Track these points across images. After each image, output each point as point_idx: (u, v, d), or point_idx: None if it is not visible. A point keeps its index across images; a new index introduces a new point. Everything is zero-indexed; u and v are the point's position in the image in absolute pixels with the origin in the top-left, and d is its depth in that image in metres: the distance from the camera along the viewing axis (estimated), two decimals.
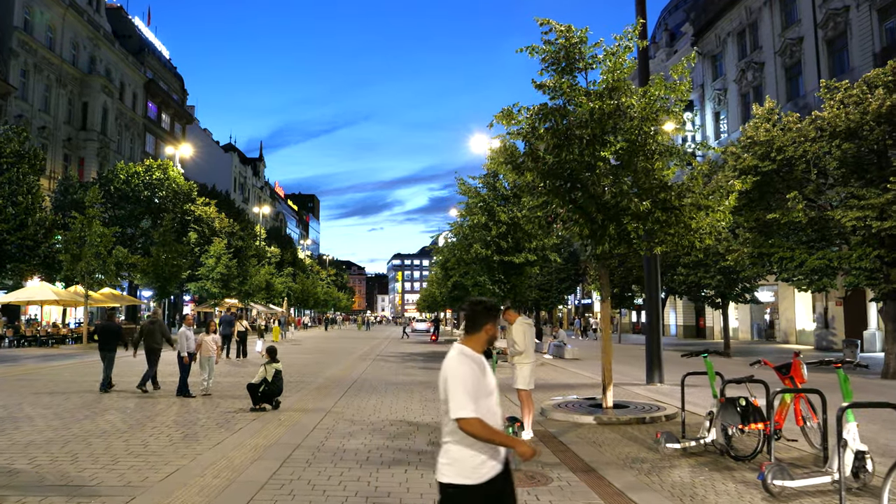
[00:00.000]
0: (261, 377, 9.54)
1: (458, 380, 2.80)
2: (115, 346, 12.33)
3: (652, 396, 11.63)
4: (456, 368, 2.81)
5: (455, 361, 2.93)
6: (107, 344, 12.18)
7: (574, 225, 8.58)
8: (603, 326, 9.76)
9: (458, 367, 2.80)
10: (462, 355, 2.97)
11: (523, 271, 19.08)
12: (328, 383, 13.62)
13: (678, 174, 9.97)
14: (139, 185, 37.71)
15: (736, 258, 20.01)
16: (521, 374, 7.77)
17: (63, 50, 42.23)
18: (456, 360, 2.94)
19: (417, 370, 17.19)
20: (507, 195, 19.13)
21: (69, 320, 38.05)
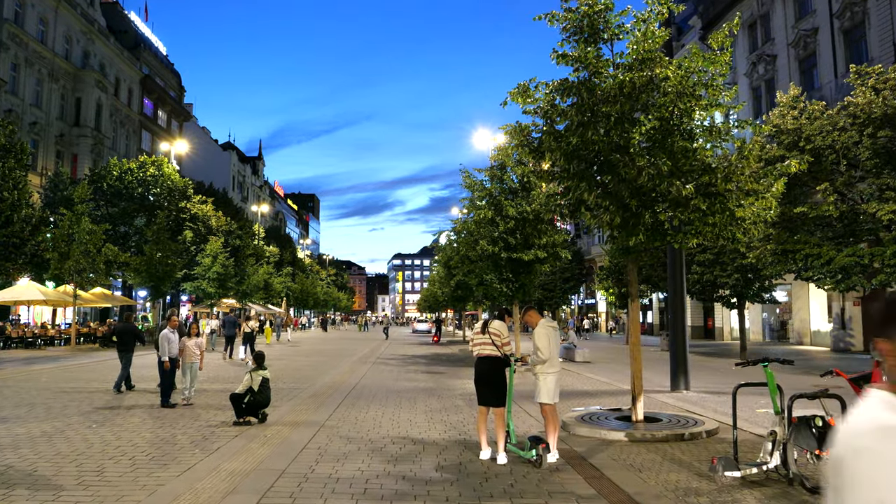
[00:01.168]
0: (245, 386, 8.44)
1: None
2: (132, 346, 12.44)
3: (682, 406, 10.51)
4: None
5: None
6: (124, 345, 12.35)
7: (604, 213, 7.47)
8: (632, 329, 8.65)
9: None
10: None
11: (532, 269, 17.96)
12: (324, 390, 12.51)
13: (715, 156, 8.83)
14: (133, 182, 36.63)
15: (758, 255, 18.89)
16: (545, 385, 6.67)
17: (55, 44, 41.13)
18: None
19: (420, 375, 16.07)
20: (514, 188, 18.01)
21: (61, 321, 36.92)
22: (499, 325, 6.76)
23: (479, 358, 6.74)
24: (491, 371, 6.64)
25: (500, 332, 6.70)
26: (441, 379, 15.08)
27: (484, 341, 6.69)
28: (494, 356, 6.64)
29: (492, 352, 6.64)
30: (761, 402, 11.06)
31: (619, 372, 17.45)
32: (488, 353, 6.64)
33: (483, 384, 6.69)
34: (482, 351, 6.68)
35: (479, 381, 6.73)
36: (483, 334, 6.72)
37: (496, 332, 6.69)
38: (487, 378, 6.64)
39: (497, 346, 6.63)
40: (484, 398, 6.72)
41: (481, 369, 6.70)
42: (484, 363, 6.68)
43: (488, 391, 6.65)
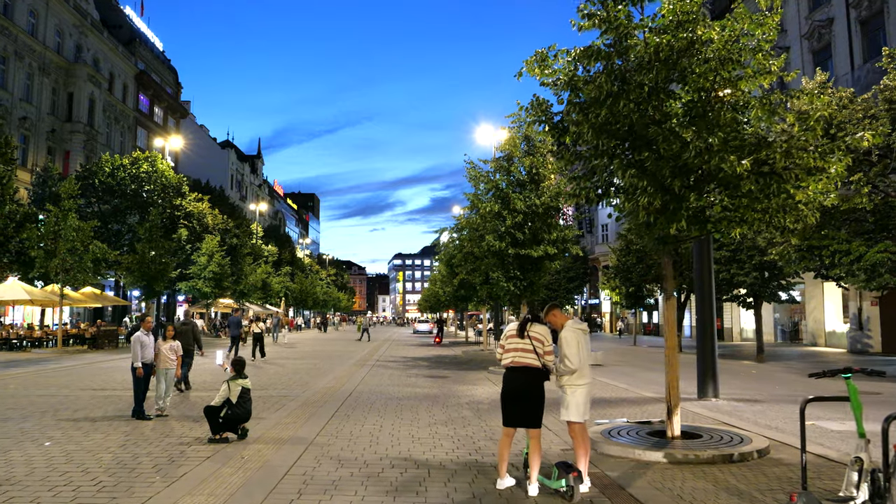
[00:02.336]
0: (223, 397, 7.32)
1: None
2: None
3: (715, 417, 9.39)
4: None
5: None
6: None
7: (641, 195, 6.34)
8: (668, 331, 7.53)
9: None
10: None
11: (542, 266, 16.84)
12: (317, 398, 11.38)
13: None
14: (125, 179, 35.55)
15: (781, 252, 17.78)
16: (574, 400, 5.56)
17: (47, 37, 40.05)
18: None
19: (422, 380, 14.95)
20: (522, 181, 16.89)
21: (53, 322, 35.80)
22: (542, 328, 5.56)
23: (512, 368, 5.51)
24: (530, 386, 5.40)
25: (544, 337, 5.49)
26: (445, 384, 13.97)
27: (523, 347, 5.45)
28: (535, 367, 5.43)
29: (532, 361, 5.43)
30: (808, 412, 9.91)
31: (632, 376, 16.33)
32: (527, 363, 5.43)
33: (518, 401, 5.45)
34: (520, 360, 5.44)
35: (512, 396, 5.48)
36: (521, 338, 5.48)
37: (539, 338, 5.46)
38: (525, 394, 5.41)
39: (539, 354, 5.44)
40: (515, 418, 5.49)
41: (516, 383, 5.45)
42: (520, 375, 5.44)
43: (525, 410, 5.43)
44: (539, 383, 5.45)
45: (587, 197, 7.33)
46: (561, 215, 17.49)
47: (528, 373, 5.44)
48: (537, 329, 5.53)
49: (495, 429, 8.45)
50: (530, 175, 16.89)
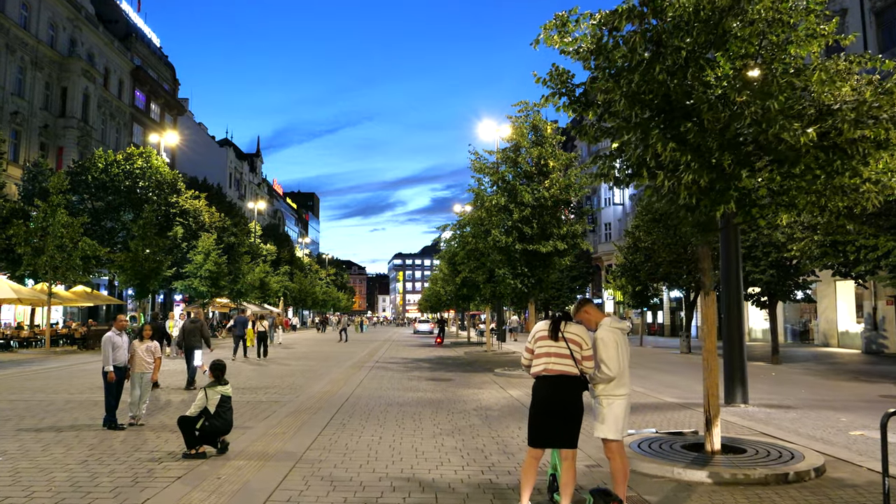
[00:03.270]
0: (199, 407, 6.41)
1: None
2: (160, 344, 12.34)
3: (751, 427, 8.48)
4: None
5: None
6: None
7: (685, 172, 5.42)
8: (706, 331, 6.63)
9: None
10: None
11: (551, 262, 15.93)
12: (311, 403, 10.47)
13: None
14: (119, 175, 34.63)
15: (802, 247, 16.86)
16: (612, 414, 4.65)
17: (39, 30, 39.14)
18: None
19: (424, 383, 14.04)
20: (530, 172, 15.99)
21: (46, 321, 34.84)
22: (579, 328, 4.64)
23: (544, 378, 4.56)
24: (567, 397, 4.47)
25: (583, 339, 4.58)
26: (449, 388, 13.06)
27: (557, 352, 4.52)
28: (572, 376, 4.50)
29: (569, 368, 4.50)
30: (843, 420, 9.06)
31: (648, 378, 15.41)
32: (563, 371, 4.49)
33: (552, 417, 4.49)
34: (555, 367, 4.51)
35: (545, 412, 4.52)
36: (555, 340, 4.56)
37: (576, 340, 4.55)
38: (561, 409, 4.47)
39: (577, 360, 4.52)
40: (548, 436, 4.53)
41: (550, 395, 4.50)
42: (555, 386, 4.51)
43: (560, 427, 4.49)
44: (577, 395, 4.53)
45: (616, 178, 6.42)
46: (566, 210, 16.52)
47: (565, 383, 4.51)
48: (573, 329, 4.60)
49: (508, 440, 7.54)
50: (538, 166, 15.99)
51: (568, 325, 4.63)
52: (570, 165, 16.63)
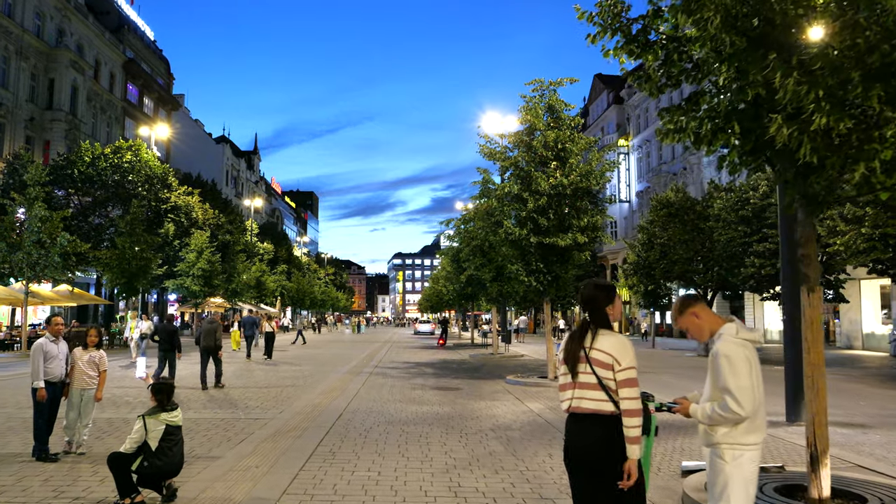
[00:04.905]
0: (136, 442, 4.81)
1: None
2: (172, 345, 12.94)
3: (835, 454, 6.86)
4: None
5: None
6: (166, 344, 12.96)
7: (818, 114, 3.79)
8: (811, 338, 5.02)
9: None
10: None
11: (569, 257, 14.33)
12: (296, 422, 8.85)
13: None
14: (106, 169, 33.02)
15: (847, 242, 15.26)
16: (740, 475, 3.03)
17: (25, 19, 37.50)
18: None
19: (430, 393, 12.43)
20: (546, 157, 14.36)
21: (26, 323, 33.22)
22: (614, 340, 3.03)
23: (570, 417, 3.11)
24: (596, 448, 2.96)
25: (617, 354, 2.99)
26: (458, 400, 11.45)
27: (582, 381, 3.02)
28: (603, 415, 2.98)
29: (598, 404, 2.98)
30: None
31: (673, 386, 13.76)
32: (590, 409, 2.99)
33: (583, 476, 3.03)
34: (580, 402, 3.02)
35: (572, 468, 3.09)
36: (576, 362, 3.05)
37: (605, 360, 3.00)
38: (590, 465, 2.98)
39: (610, 390, 2.96)
40: (585, 501, 3.03)
41: (574, 444, 3.06)
42: (580, 427, 3.04)
43: (593, 491, 3.00)
44: (615, 442, 2.95)
45: (696, 135, 4.81)
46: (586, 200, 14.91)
47: (595, 423, 2.99)
48: (604, 343, 3.02)
49: (542, 476, 5.95)
50: (555, 151, 14.38)
51: (599, 335, 3.05)
52: (589, 150, 15.03)
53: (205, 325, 13.74)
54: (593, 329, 3.08)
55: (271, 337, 21.90)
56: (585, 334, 3.08)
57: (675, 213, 26.52)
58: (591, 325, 3.09)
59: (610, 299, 3.12)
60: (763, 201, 19.32)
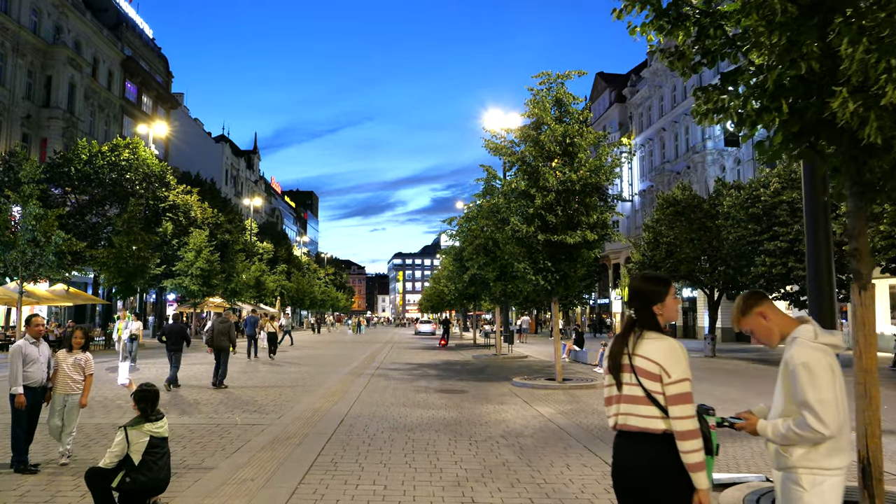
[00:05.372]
0: (117, 455, 4.34)
1: None
2: (181, 346, 13.02)
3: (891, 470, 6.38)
4: None
5: None
6: (174, 344, 12.94)
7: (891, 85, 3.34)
8: (862, 340, 4.56)
9: None
10: None
11: (578, 255, 13.86)
12: (295, 428, 8.39)
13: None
14: (104, 167, 32.56)
15: None
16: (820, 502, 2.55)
17: (21, 15, 37.04)
18: None
19: (434, 396, 11.97)
20: (554, 152, 13.89)
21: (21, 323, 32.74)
22: (662, 344, 2.56)
23: (617, 435, 2.67)
24: (647, 473, 2.52)
25: (666, 362, 2.52)
26: (464, 403, 10.98)
27: (628, 394, 2.59)
28: (653, 433, 2.53)
29: (647, 422, 2.54)
30: None
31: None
32: (637, 427, 2.55)
33: (630, 502, 2.62)
34: (626, 419, 2.59)
35: (620, 491, 2.65)
36: (619, 371, 2.62)
37: (650, 370, 2.54)
38: (639, 489, 2.54)
39: (660, 405, 2.53)
40: None
41: (624, 463, 2.61)
42: (630, 448, 2.59)
43: None
44: (665, 468, 2.48)
45: (738, 116, 4.34)
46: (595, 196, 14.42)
47: (644, 445, 2.54)
48: (649, 349, 2.56)
49: (562, 490, 5.49)
50: (563, 146, 13.91)
51: (643, 338, 2.58)
52: (598, 145, 14.57)
53: (217, 324, 13.81)
54: (637, 331, 2.63)
55: (274, 337, 22.02)
56: (628, 336, 2.63)
57: (681, 212, 26.07)
58: (636, 325, 2.64)
59: (659, 295, 2.65)
60: (774, 198, 18.85)
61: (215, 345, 13.50)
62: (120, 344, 19.16)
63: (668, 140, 47.00)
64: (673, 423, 2.44)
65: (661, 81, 48.03)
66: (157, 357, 21.79)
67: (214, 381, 13.08)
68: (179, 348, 13.02)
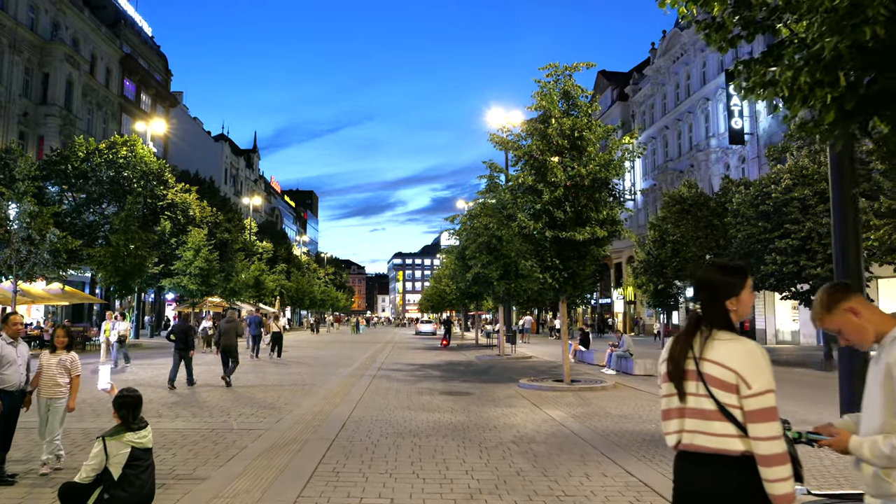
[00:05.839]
0: (94, 469, 3.90)
1: None
2: (188, 345, 13.08)
3: None
4: None
5: None
6: (182, 343, 13.03)
7: None
8: None
9: None
10: None
11: (587, 252, 13.42)
12: (294, 433, 7.94)
13: None
14: (101, 164, 32.11)
15: (881, 236, 14.38)
16: None
17: (18, 11, 36.57)
18: None
19: (439, 399, 11.53)
20: (561, 146, 13.45)
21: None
22: (740, 350, 2.10)
23: (679, 456, 2.20)
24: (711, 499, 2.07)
25: (747, 371, 2.05)
26: (470, 406, 10.54)
27: (695, 405, 2.13)
28: (730, 455, 2.05)
29: (719, 442, 2.07)
30: None
31: None
32: (708, 447, 2.09)
33: None
34: (692, 437, 2.13)
35: None
36: (682, 379, 2.16)
37: (724, 378, 2.08)
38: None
39: (737, 421, 2.06)
40: None
41: (690, 490, 2.14)
42: (698, 474, 2.12)
43: None
44: (746, 499, 2.05)
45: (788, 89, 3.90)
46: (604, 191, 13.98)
47: (716, 470, 2.09)
48: (722, 352, 2.13)
49: (582, 500, 5.05)
50: (571, 140, 13.47)
51: (711, 340, 2.14)
52: (607, 139, 14.13)
53: (223, 324, 13.89)
54: (706, 330, 2.19)
55: (278, 336, 22.07)
56: (694, 337, 2.19)
57: (687, 209, 25.65)
58: (704, 323, 2.20)
59: (734, 288, 2.22)
60: (785, 195, 18.40)
61: (222, 344, 13.57)
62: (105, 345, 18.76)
63: (671, 138, 46.58)
64: (755, 445, 2.01)
65: (663, 79, 47.60)
66: (154, 357, 21.36)
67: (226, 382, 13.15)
68: (187, 347, 13.12)
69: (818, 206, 17.86)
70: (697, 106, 42.16)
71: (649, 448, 7.16)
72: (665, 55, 46.57)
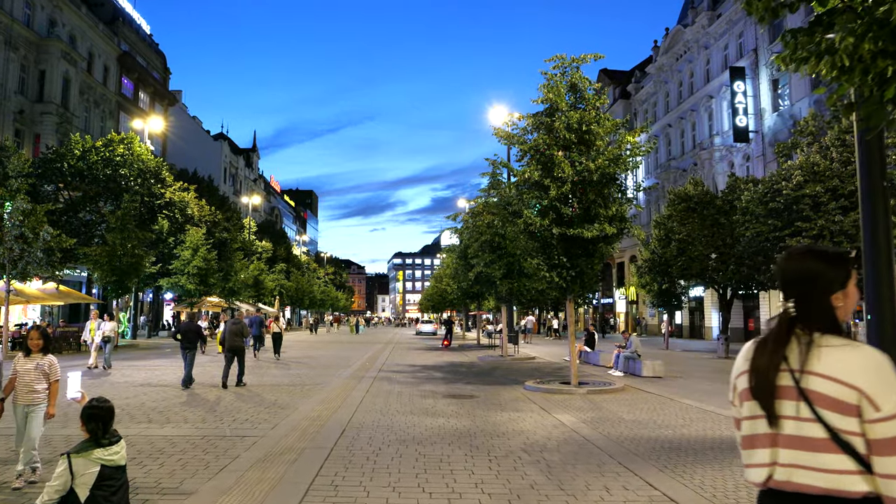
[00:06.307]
0: (59, 490, 3.43)
1: None
2: (196, 344, 13.19)
3: None
4: None
5: None
6: (189, 343, 13.07)
7: None
8: None
9: None
10: None
11: (595, 250, 12.96)
12: (290, 440, 7.48)
13: None
14: (97, 162, 31.64)
15: None
16: None
17: (14, 7, 36.11)
18: None
19: (443, 402, 11.06)
20: (569, 141, 12.98)
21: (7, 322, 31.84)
22: (859, 359, 1.62)
23: (772, 494, 1.68)
24: None
25: (871, 387, 1.57)
26: (476, 410, 10.08)
27: (795, 432, 1.65)
28: (842, 497, 1.58)
29: (830, 480, 1.59)
30: None
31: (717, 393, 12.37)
32: (814, 487, 1.60)
33: None
34: (788, 472, 1.64)
35: None
36: (782, 396, 1.68)
37: (837, 396, 1.60)
38: None
39: (857, 453, 1.57)
40: None
41: None
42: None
43: None
44: None
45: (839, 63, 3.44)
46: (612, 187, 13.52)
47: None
48: (833, 363, 1.65)
49: None
50: (578, 134, 13.00)
51: (816, 348, 1.69)
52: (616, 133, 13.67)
53: (229, 325, 13.84)
54: (804, 335, 1.72)
55: (279, 337, 21.94)
56: (788, 343, 1.73)
57: (693, 207, 25.18)
58: (801, 326, 1.74)
59: (838, 280, 1.76)
60: (796, 192, 17.93)
61: (228, 345, 13.48)
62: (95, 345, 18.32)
63: (674, 136, 46.10)
64: (883, 485, 1.55)
65: (666, 77, 47.13)
66: (149, 358, 20.90)
67: (223, 383, 12.88)
68: (194, 347, 13.11)
69: (830, 204, 17.41)
70: (701, 104, 41.69)
71: (670, 457, 6.70)
72: (668, 52, 46.10)
